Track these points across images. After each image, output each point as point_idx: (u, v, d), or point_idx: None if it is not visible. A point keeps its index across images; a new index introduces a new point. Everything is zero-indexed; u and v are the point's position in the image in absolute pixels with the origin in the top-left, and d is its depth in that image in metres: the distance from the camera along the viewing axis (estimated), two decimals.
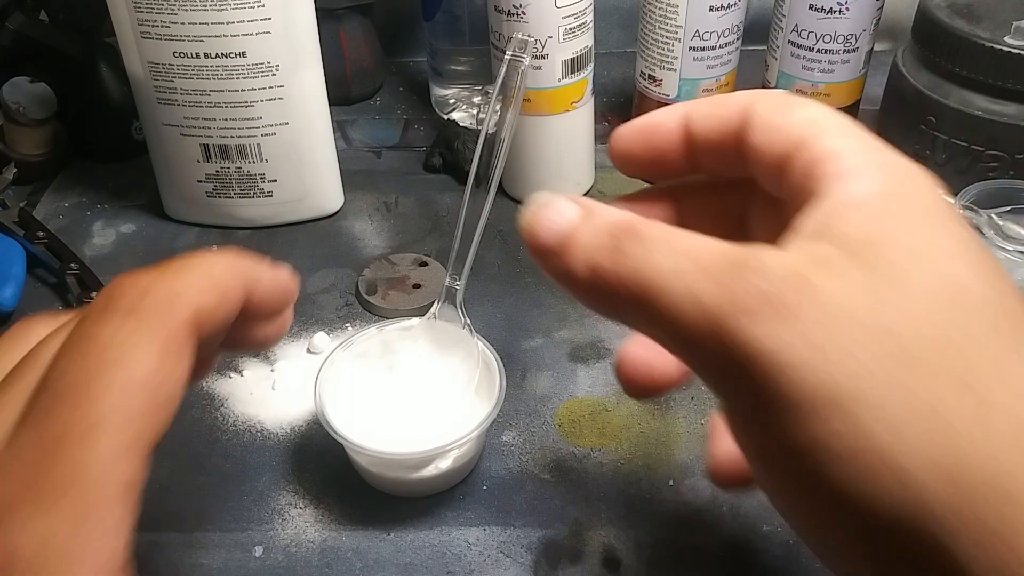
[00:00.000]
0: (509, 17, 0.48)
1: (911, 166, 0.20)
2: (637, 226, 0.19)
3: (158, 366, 0.19)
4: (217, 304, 0.21)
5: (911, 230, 0.18)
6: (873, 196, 0.19)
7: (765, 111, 0.21)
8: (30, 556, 0.18)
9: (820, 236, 0.18)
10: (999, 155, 0.51)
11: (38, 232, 0.50)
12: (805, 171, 0.20)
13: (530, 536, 0.35)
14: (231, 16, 0.45)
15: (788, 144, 0.21)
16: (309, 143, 0.50)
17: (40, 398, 0.19)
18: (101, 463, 0.18)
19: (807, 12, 0.48)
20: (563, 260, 0.20)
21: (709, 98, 0.23)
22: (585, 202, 0.21)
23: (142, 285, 0.20)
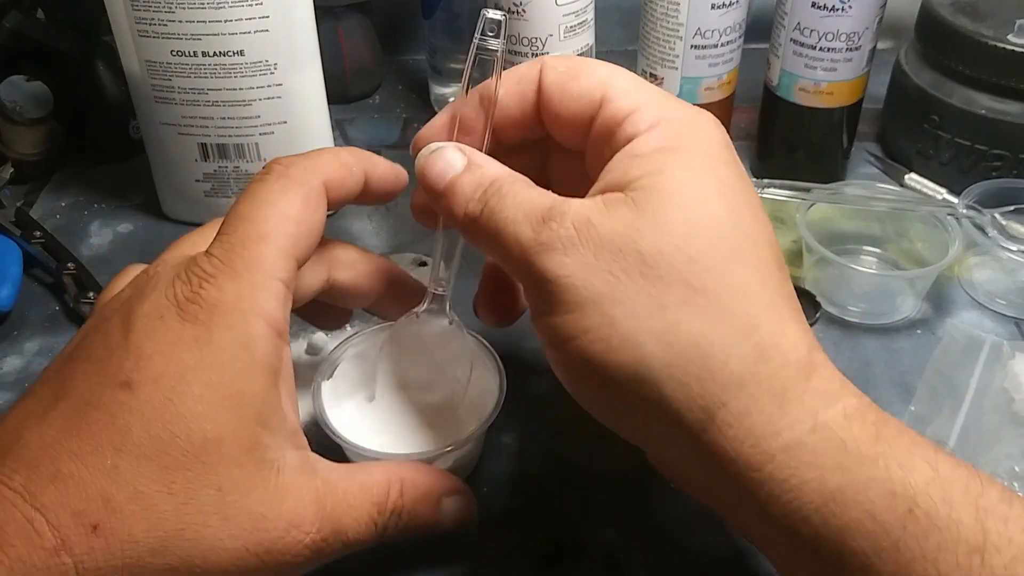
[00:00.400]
0: (509, 15, 0.48)
1: (695, 118, 0.26)
2: (499, 182, 0.27)
3: (302, 207, 0.28)
4: (343, 177, 0.30)
5: (679, 175, 0.25)
6: (654, 148, 0.25)
7: (558, 81, 0.28)
8: (226, 306, 0.26)
9: (612, 185, 0.25)
10: (1003, 154, 0.51)
11: (35, 232, 0.50)
12: (603, 132, 0.27)
13: (530, 537, 0.34)
14: (229, 14, 0.45)
15: (586, 109, 0.27)
16: (308, 142, 0.50)
17: (223, 224, 0.28)
18: (270, 259, 0.27)
19: (810, 10, 0.48)
20: (448, 202, 0.28)
21: (507, 73, 0.30)
22: (471, 153, 0.28)
23: (288, 161, 0.29)
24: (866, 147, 0.58)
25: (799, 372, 0.23)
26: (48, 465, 0.24)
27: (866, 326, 0.45)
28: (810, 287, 0.46)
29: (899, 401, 0.41)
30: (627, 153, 0.25)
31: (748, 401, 0.23)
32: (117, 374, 0.25)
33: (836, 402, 0.23)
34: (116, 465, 0.24)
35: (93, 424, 0.24)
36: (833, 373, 0.25)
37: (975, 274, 0.47)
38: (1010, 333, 0.45)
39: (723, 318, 0.23)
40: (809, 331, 0.25)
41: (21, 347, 0.45)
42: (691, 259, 0.23)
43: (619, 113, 0.26)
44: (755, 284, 0.24)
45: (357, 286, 0.33)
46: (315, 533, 0.26)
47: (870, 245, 0.49)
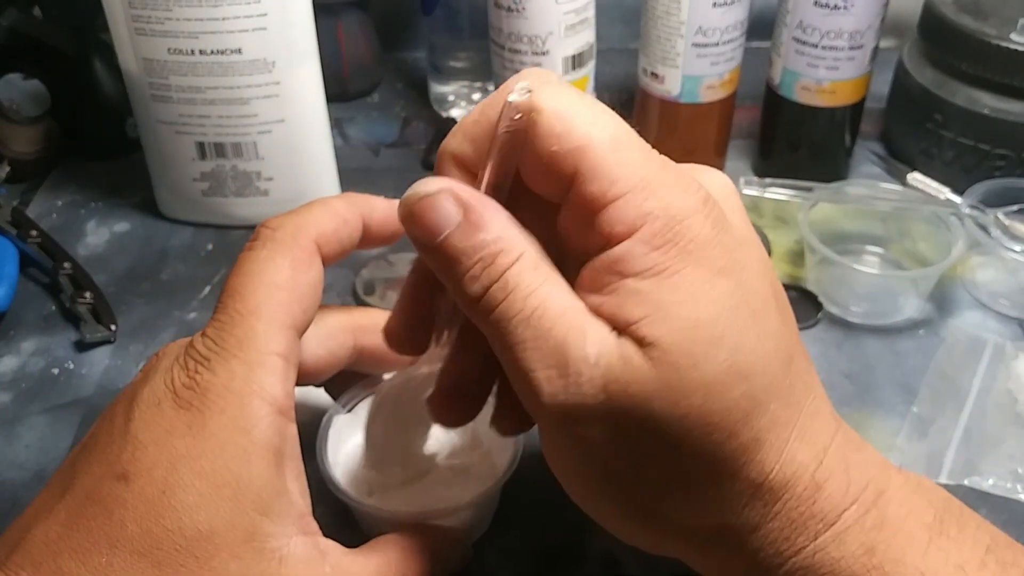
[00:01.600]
0: (509, 12, 0.48)
1: (679, 211, 0.22)
2: (506, 275, 0.23)
3: (291, 273, 0.27)
4: (336, 228, 0.29)
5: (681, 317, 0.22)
6: (643, 268, 0.22)
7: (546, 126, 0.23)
8: (220, 388, 0.25)
9: (610, 313, 0.23)
10: (1006, 153, 0.51)
11: (31, 231, 0.50)
12: (579, 213, 0.23)
13: (530, 539, 0.34)
14: (226, 12, 0.44)
15: (556, 177, 0.23)
16: (306, 140, 0.50)
17: (217, 302, 0.27)
18: (263, 333, 0.26)
19: (812, 8, 0.48)
20: (441, 264, 0.24)
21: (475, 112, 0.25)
22: (468, 200, 0.23)
23: (275, 223, 0.28)
24: (869, 146, 0.58)
25: (806, 497, 0.24)
26: (51, 563, 0.24)
27: (868, 327, 0.45)
28: (812, 287, 0.46)
29: (902, 402, 0.40)
30: (613, 268, 0.23)
31: (759, 540, 0.24)
32: (115, 466, 0.25)
33: (837, 519, 0.23)
34: (111, 563, 0.24)
35: (92, 520, 0.24)
36: (838, 481, 0.24)
37: (978, 274, 0.47)
38: (1013, 333, 0.44)
39: (736, 476, 0.23)
40: (820, 426, 0.24)
41: (17, 347, 0.44)
42: (711, 428, 0.22)
43: (595, 199, 0.23)
44: (766, 422, 0.23)
45: (385, 354, 0.31)
46: None
47: (872, 245, 0.49)
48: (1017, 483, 0.36)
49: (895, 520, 0.24)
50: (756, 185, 0.48)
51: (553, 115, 0.23)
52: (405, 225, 0.24)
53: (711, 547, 0.25)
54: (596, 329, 0.23)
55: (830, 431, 0.24)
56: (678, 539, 0.25)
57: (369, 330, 0.32)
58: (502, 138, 0.23)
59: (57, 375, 0.43)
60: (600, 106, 0.24)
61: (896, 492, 0.24)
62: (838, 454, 0.24)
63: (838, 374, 0.42)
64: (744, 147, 0.59)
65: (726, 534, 0.24)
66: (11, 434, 0.40)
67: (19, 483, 0.37)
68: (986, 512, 0.35)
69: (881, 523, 0.23)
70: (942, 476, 0.37)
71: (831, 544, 0.23)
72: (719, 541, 0.24)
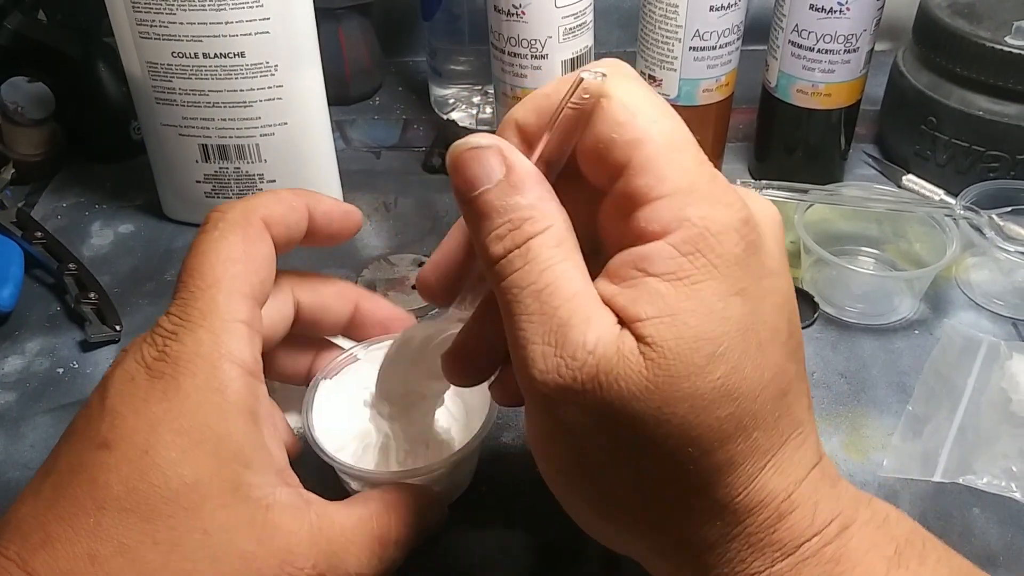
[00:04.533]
0: (509, 17, 0.48)
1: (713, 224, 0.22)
2: (530, 243, 0.23)
3: (244, 247, 0.29)
4: (284, 213, 0.30)
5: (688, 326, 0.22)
6: (666, 271, 0.22)
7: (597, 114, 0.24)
8: (190, 355, 0.26)
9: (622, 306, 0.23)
10: (1000, 155, 0.51)
11: (36, 232, 0.50)
12: (620, 203, 0.23)
13: (529, 538, 0.34)
14: (230, 16, 0.45)
15: (608, 164, 0.24)
16: (308, 143, 0.50)
17: (176, 283, 0.28)
18: (223, 303, 0.27)
19: (807, 12, 0.48)
20: (472, 216, 0.24)
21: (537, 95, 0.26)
22: (514, 162, 0.24)
23: (224, 207, 0.30)
24: (864, 148, 0.59)
25: (768, 525, 0.24)
26: (38, 532, 0.25)
27: (864, 326, 0.45)
28: (808, 287, 0.47)
29: (897, 402, 0.41)
30: (638, 265, 0.23)
31: (716, 558, 0.24)
32: (95, 437, 0.26)
33: (796, 549, 0.24)
34: (99, 522, 0.24)
35: (77, 487, 0.25)
36: (804, 513, 0.24)
37: (972, 275, 0.48)
38: (1007, 333, 0.45)
39: (703, 493, 0.23)
40: (799, 461, 0.24)
41: (22, 347, 0.45)
42: (688, 441, 0.22)
43: (639, 194, 0.23)
44: (745, 447, 0.23)
45: (326, 308, 0.34)
46: (310, 568, 0.26)
47: (868, 246, 0.49)
48: (1011, 481, 0.36)
49: (855, 554, 0.24)
50: (752, 187, 0.48)
51: (620, 103, 0.23)
52: (450, 172, 0.25)
53: (668, 556, 0.25)
54: (601, 318, 0.23)
55: (808, 465, 0.24)
56: (638, 540, 0.25)
57: (305, 287, 0.33)
58: (565, 113, 0.24)
59: (62, 375, 0.43)
60: (668, 108, 0.24)
61: (861, 527, 0.24)
62: (810, 487, 0.24)
63: (834, 373, 0.42)
64: (740, 149, 0.59)
65: (684, 546, 0.24)
66: (16, 434, 0.40)
67: (24, 482, 0.37)
68: (980, 511, 0.36)
69: (840, 557, 0.23)
70: (937, 474, 0.37)
71: (787, 573, 0.23)
72: (676, 551, 0.24)
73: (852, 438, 0.39)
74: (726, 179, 0.24)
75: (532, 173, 0.24)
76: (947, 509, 0.36)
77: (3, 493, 0.37)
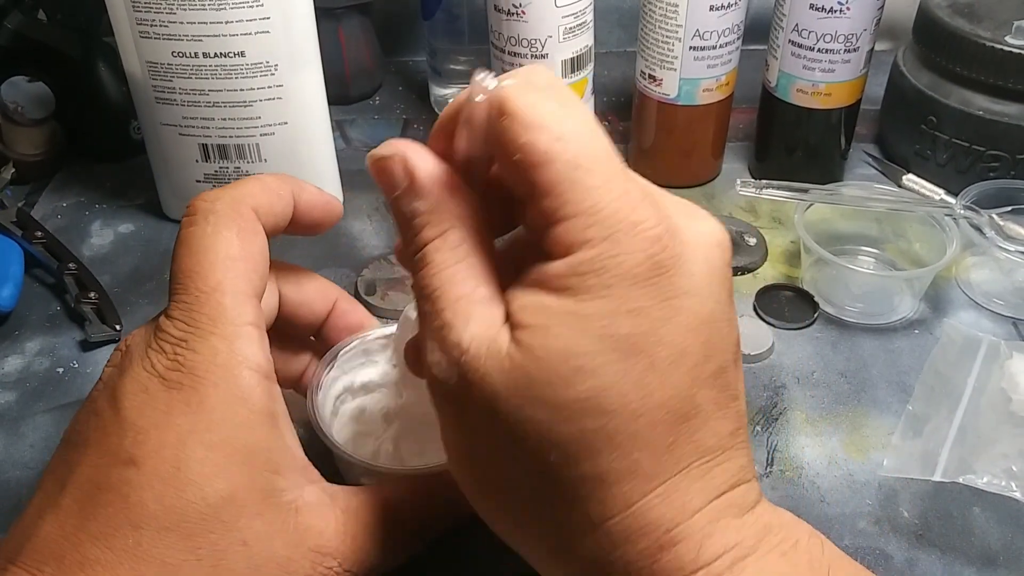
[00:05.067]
0: (509, 16, 0.48)
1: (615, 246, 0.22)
2: (427, 249, 0.24)
3: (240, 243, 0.28)
4: (272, 202, 0.30)
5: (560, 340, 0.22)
6: (556, 287, 0.22)
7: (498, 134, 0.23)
8: (207, 365, 0.26)
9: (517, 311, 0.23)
10: (1000, 155, 0.51)
11: (36, 232, 0.50)
12: (535, 221, 0.23)
13: None
14: (230, 16, 0.45)
15: (518, 183, 0.23)
16: (308, 143, 0.50)
17: (173, 283, 0.28)
18: (232, 308, 0.27)
19: (808, 12, 0.48)
20: (392, 212, 0.25)
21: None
22: (413, 174, 0.24)
23: (211, 197, 0.29)
24: (864, 148, 0.59)
25: (648, 555, 0.23)
26: (73, 553, 0.24)
27: (864, 326, 0.45)
28: (808, 287, 0.47)
29: (897, 401, 0.41)
30: (537, 279, 0.23)
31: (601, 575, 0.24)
32: (119, 453, 0.25)
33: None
34: (139, 542, 0.24)
35: (108, 506, 0.25)
36: (690, 547, 0.23)
37: (973, 274, 0.48)
38: (1007, 333, 0.45)
39: (573, 507, 0.23)
40: (697, 491, 0.23)
41: (22, 347, 0.45)
42: (550, 448, 0.22)
43: (546, 215, 0.23)
44: (621, 466, 0.22)
45: (306, 303, 0.33)
46: (338, 566, 0.27)
47: (868, 246, 0.49)
48: (1011, 481, 0.36)
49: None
50: (752, 187, 0.48)
51: (522, 123, 0.22)
52: (369, 167, 0.26)
53: (555, 569, 0.25)
54: (481, 317, 0.23)
55: (708, 495, 0.23)
56: (528, 547, 0.25)
57: (289, 279, 0.33)
58: (464, 112, 0.24)
59: (62, 375, 0.43)
60: (579, 119, 0.23)
61: (762, 556, 0.23)
62: (705, 519, 0.23)
63: (834, 373, 0.42)
64: (741, 149, 0.59)
65: (564, 560, 0.24)
66: (16, 433, 0.40)
67: (24, 482, 0.38)
68: (980, 510, 0.36)
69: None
70: (937, 474, 0.37)
71: None
72: (559, 564, 0.24)
73: (852, 438, 0.39)
74: (649, 189, 0.23)
75: (434, 177, 0.24)
76: (947, 509, 0.36)
77: (3, 493, 0.37)
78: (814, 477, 0.37)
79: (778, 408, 0.41)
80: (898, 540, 0.35)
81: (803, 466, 0.38)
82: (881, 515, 0.36)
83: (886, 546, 0.35)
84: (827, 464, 0.38)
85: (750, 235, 0.50)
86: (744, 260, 0.49)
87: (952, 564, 0.34)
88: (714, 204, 0.55)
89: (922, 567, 0.34)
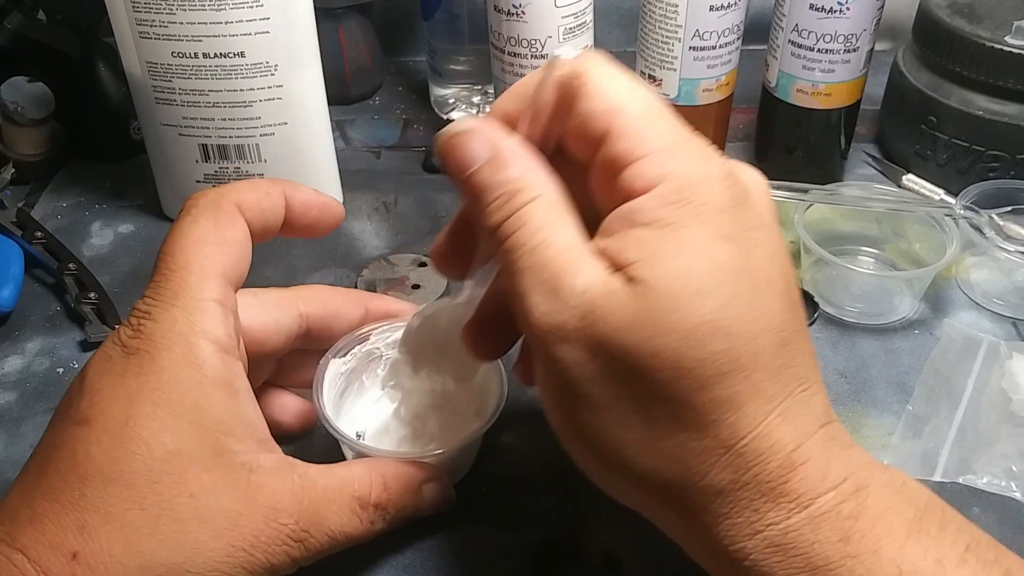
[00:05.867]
0: (509, 17, 0.48)
1: (698, 176, 0.24)
2: (523, 210, 0.25)
3: (215, 229, 0.29)
4: (258, 199, 0.30)
5: (674, 265, 0.23)
6: (652, 220, 0.24)
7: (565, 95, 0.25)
8: (163, 331, 0.27)
9: (614, 255, 0.24)
10: (1000, 155, 0.51)
11: (36, 232, 0.50)
12: (606, 170, 0.25)
13: (530, 537, 0.34)
14: (229, 16, 0.45)
15: (589, 137, 0.25)
16: (308, 143, 0.50)
17: (153, 269, 0.29)
18: (195, 283, 0.28)
19: (807, 12, 0.48)
20: (470, 195, 0.26)
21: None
22: (498, 142, 0.26)
23: (199, 195, 0.30)
24: (864, 148, 0.59)
25: (779, 474, 0.24)
26: (25, 509, 0.25)
27: (864, 326, 0.45)
28: (808, 287, 0.47)
29: (897, 401, 0.41)
30: (627, 218, 0.24)
31: (728, 506, 0.24)
32: (75, 415, 0.26)
33: (812, 502, 0.24)
34: (83, 494, 0.25)
35: (59, 462, 0.26)
36: (816, 467, 0.24)
37: (972, 274, 0.48)
38: (1007, 333, 0.45)
39: (705, 432, 0.23)
40: (807, 415, 0.24)
41: (22, 347, 0.45)
42: (682, 374, 0.23)
43: (621, 156, 0.24)
44: (746, 387, 0.23)
45: (337, 314, 0.34)
46: (294, 524, 0.27)
47: (868, 246, 0.49)
48: (1011, 481, 0.36)
49: (873, 513, 0.24)
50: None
51: (595, 79, 0.25)
52: (440, 159, 0.26)
53: (677, 504, 0.25)
54: (591, 266, 0.24)
55: (817, 422, 0.24)
56: (645, 490, 0.25)
57: (311, 299, 0.34)
58: (543, 89, 0.26)
59: (62, 375, 0.43)
60: (641, 82, 0.26)
61: (877, 489, 0.24)
62: (819, 444, 0.24)
63: (834, 373, 0.42)
64: (741, 149, 0.59)
65: (691, 491, 0.24)
66: (16, 434, 0.40)
67: None
68: (980, 510, 0.36)
69: (859, 514, 0.23)
70: (937, 474, 0.37)
71: (805, 527, 0.23)
72: (684, 498, 0.24)
73: (852, 438, 0.39)
74: (704, 141, 0.25)
75: (517, 148, 0.26)
76: None
77: (3, 493, 0.37)
78: None
79: None
80: None
81: None
82: None
83: None
84: None
85: None
86: None
87: None
88: None
89: None
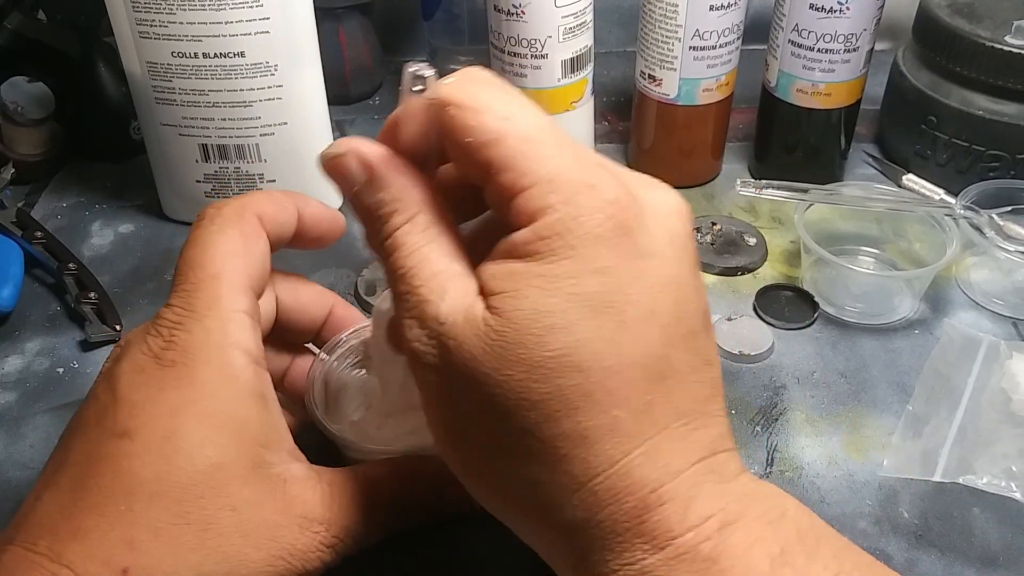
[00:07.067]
0: (508, 17, 0.48)
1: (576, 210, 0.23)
2: (396, 235, 0.25)
3: (242, 241, 0.29)
4: (276, 211, 0.31)
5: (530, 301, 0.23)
6: (523, 253, 0.23)
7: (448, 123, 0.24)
8: (199, 344, 0.27)
9: (488, 281, 0.24)
10: (1000, 155, 0.51)
11: (36, 232, 0.50)
12: (494, 198, 0.24)
13: None
14: (229, 16, 0.45)
15: (475, 165, 0.24)
16: (308, 143, 0.50)
17: (176, 275, 0.29)
18: (227, 294, 0.28)
19: (807, 11, 0.48)
20: (352, 208, 0.26)
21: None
22: (371, 167, 0.26)
23: (219, 204, 0.30)
24: (864, 148, 0.59)
25: (634, 515, 0.23)
26: (67, 524, 0.25)
27: (864, 326, 0.45)
28: (808, 287, 0.47)
29: (897, 401, 0.41)
30: (507, 249, 0.24)
31: (586, 542, 0.24)
32: (114, 428, 0.26)
33: (668, 543, 0.23)
34: (130, 508, 0.25)
35: (101, 477, 0.26)
36: (676, 507, 0.23)
37: (972, 274, 0.48)
38: (1007, 333, 0.45)
39: (556, 467, 0.23)
40: (680, 452, 0.24)
41: (22, 347, 0.45)
42: (528, 406, 0.23)
43: (505, 188, 0.24)
44: (600, 424, 0.23)
45: (304, 310, 0.34)
46: (325, 531, 0.28)
47: (868, 246, 0.49)
48: (1011, 481, 0.36)
49: (736, 552, 0.23)
50: (752, 187, 0.48)
51: (468, 108, 0.24)
52: (322, 167, 0.27)
53: (537, 535, 0.25)
54: (457, 293, 0.24)
55: (691, 458, 0.24)
56: (511, 517, 0.26)
57: (286, 288, 0.34)
58: (403, 98, 0.26)
59: (62, 375, 0.43)
60: (521, 102, 0.25)
61: (749, 522, 0.23)
62: (688, 482, 0.23)
63: (834, 373, 0.42)
64: (741, 149, 0.59)
65: (548, 525, 0.24)
66: (16, 434, 0.40)
67: (24, 482, 0.38)
68: (980, 510, 0.36)
69: (718, 555, 0.23)
70: (936, 474, 0.37)
71: (660, 568, 0.23)
72: (542, 532, 0.25)
73: (852, 438, 0.39)
74: (602, 160, 0.25)
75: (394, 167, 0.26)
76: (947, 509, 0.36)
77: (3, 493, 0.37)
78: (814, 477, 0.37)
79: (778, 408, 0.41)
80: (898, 540, 0.35)
81: (803, 466, 0.38)
82: (881, 515, 0.36)
83: (886, 546, 0.35)
84: (827, 464, 0.38)
85: (750, 235, 0.50)
86: (744, 260, 0.49)
87: (952, 564, 0.34)
88: (714, 204, 0.55)
89: (922, 567, 0.34)
